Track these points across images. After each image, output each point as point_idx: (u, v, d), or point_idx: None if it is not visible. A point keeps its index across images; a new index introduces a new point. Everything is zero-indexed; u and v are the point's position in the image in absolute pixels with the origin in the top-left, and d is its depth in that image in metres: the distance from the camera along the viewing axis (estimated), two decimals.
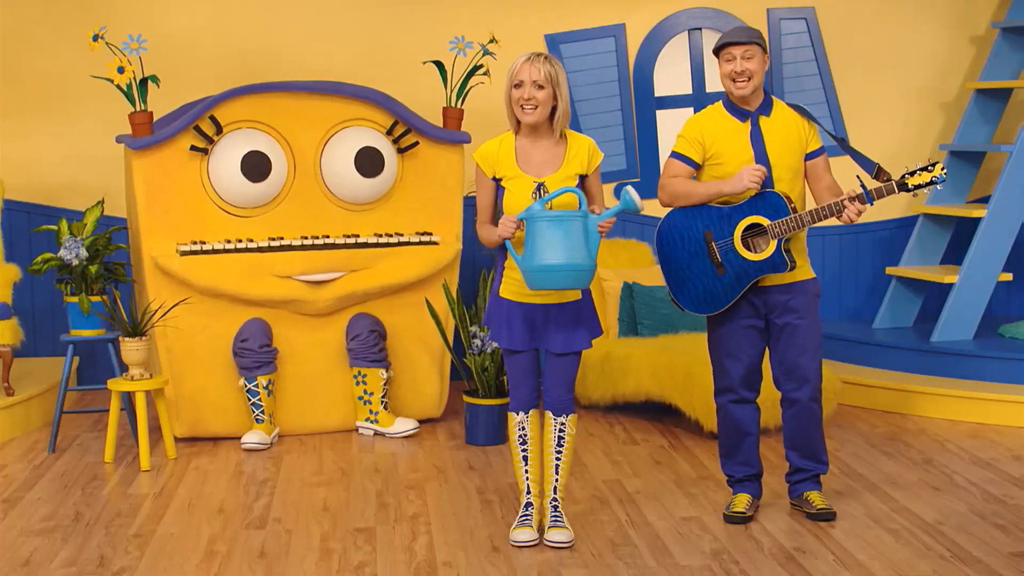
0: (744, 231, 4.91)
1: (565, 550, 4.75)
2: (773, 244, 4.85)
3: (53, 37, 7.41)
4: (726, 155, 4.93)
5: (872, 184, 4.85)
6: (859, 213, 4.80)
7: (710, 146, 4.95)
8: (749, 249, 4.91)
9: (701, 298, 5.03)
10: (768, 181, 4.90)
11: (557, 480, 4.84)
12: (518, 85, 4.64)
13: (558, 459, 4.83)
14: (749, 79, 4.87)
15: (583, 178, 4.72)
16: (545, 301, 4.71)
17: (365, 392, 6.45)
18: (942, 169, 4.76)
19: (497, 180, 4.73)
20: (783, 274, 4.93)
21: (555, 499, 4.86)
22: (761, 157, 4.90)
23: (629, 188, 4.54)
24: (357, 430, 6.53)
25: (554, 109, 4.66)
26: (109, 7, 7.34)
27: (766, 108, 4.94)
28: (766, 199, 4.87)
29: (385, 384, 6.47)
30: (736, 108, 4.95)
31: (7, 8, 7.41)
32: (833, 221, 5.36)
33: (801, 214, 4.82)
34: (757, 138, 4.92)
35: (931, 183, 4.76)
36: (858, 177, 4.88)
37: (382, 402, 6.46)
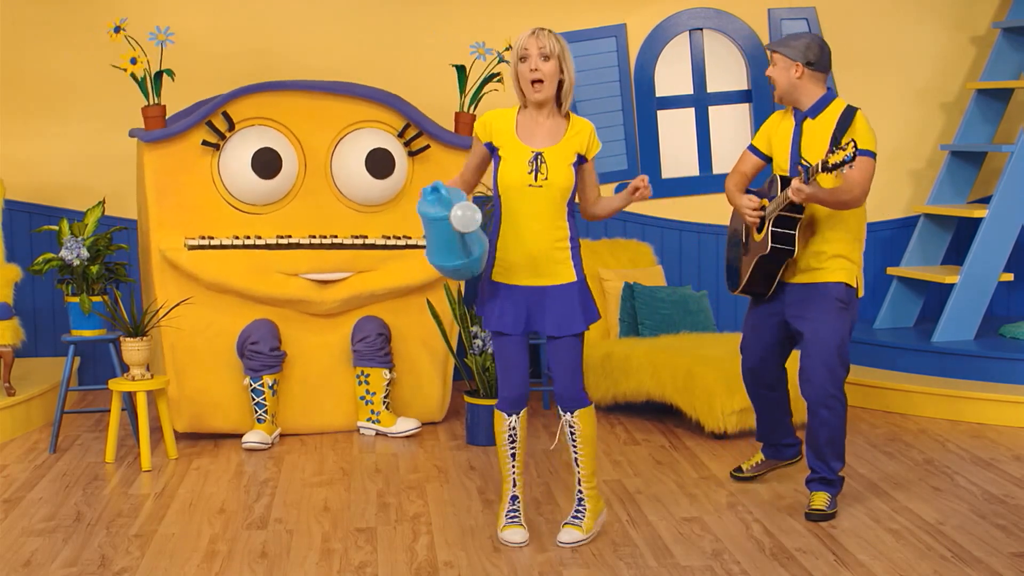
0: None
1: (567, 549, 4.75)
2: (767, 228, 5.04)
3: (54, 37, 7.41)
4: (777, 150, 5.21)
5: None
6: (799, 190, 4.87)
7: (772, 140, 5.23)
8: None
9: (728, 273, 5.45)
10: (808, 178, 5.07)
11: (580, 472, 4.82)
12: (524, 58, 4.63)
13: (576, 454, 4.82)
14: (775, 85, 5.15)
15: (582, 162, 4.72)
16: (536, 283, 4.69)
17: (367, 392, 6.45)
18: (853, 148, 4.79)
19: (493, 148, 4.73)
20: (804, 273, 5.11)
21: (579, 491, 4.84)
22: (795, 155, 5.11)
23: (460, 204, 4.44)
24: (358, 430, 6.53)
25: (561, 84, 4.67)
26: (112, 6, 7.34)
27: (816, 110, 5.10)
28: (781, 184, 5.08)
29: (388, 385, 6.47)
30: (794, 108, 5.18)
31: (7, 8, 7.41)
32: None
33: (777, 197, 5.05)
34: (796, 138, 5.12)
35: (844, 162, 4.79)
36: (802, 159, 5.10)
37: (384, 402, 6.46)
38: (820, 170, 4.84)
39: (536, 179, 4.64)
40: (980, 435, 6.38)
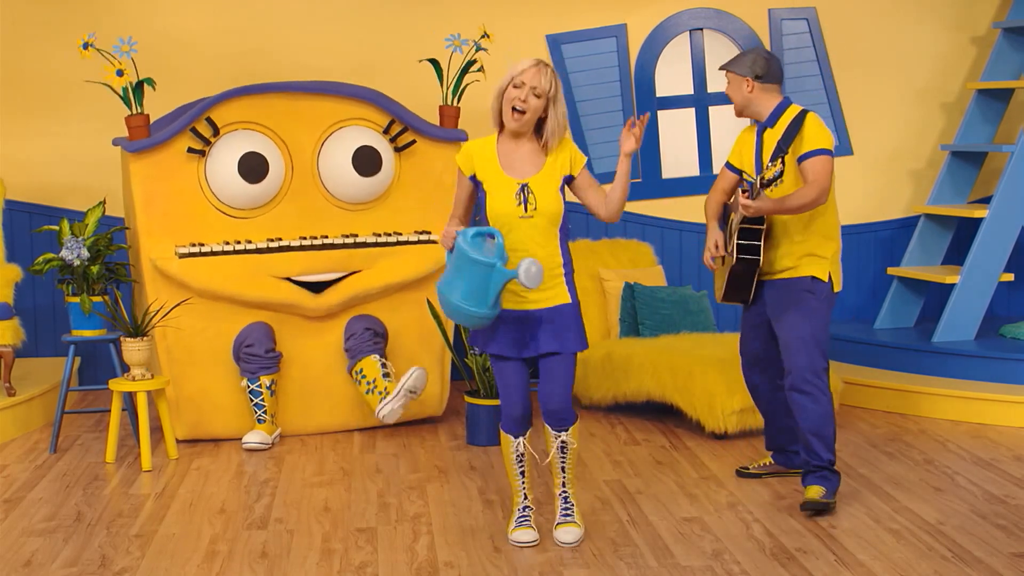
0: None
1: (567, 549, 4.75)
2: (732, 241, 5.27)
3: (54, 37, 7.41)
4: (745, 164, 5.36)
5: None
6: (746, 207, 5.05)
7: (742, 154, 5.39)
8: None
9: (713, 284, 5.66)
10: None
11: (564, 477, 4.86)
12: (518, 85, 4.64)
13: (563, 462, 4.85)
14: (732, 102, 5.35)
15: (571, 180, 4.73)
16: (531, 308, 4.69)
17: (367, 382, 6.38)
18: (781, 164, 4.96)
19: (476, 181, 4.74)
20: (775, 272, 5.27)
21: (564, 491, 4.85)
22: (758, 164, 5.28)
23: (525, 260, 4.48)
24: (382, 419, 6.27)
25: (541, 121, 4.68)
26: (108, 7, 7.35)
27: (773, 119, 5.26)
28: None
29: (382, 365, 6.37)
30: (756, 121, 5.36)
31: (7, 8, 7.41)
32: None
33: (738, 211, 5.26)
34: (758, 148, 5.28)
35: (775, 177, 4.97)
36: (744, 175, 5.35)
37: (385, 378, 6.35)
38: (760, 187, 5.02)
39: (526, 210, 4.65)
40: (980, 435, 6.38)
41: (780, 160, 4.95)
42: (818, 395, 5.18)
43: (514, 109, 4.64)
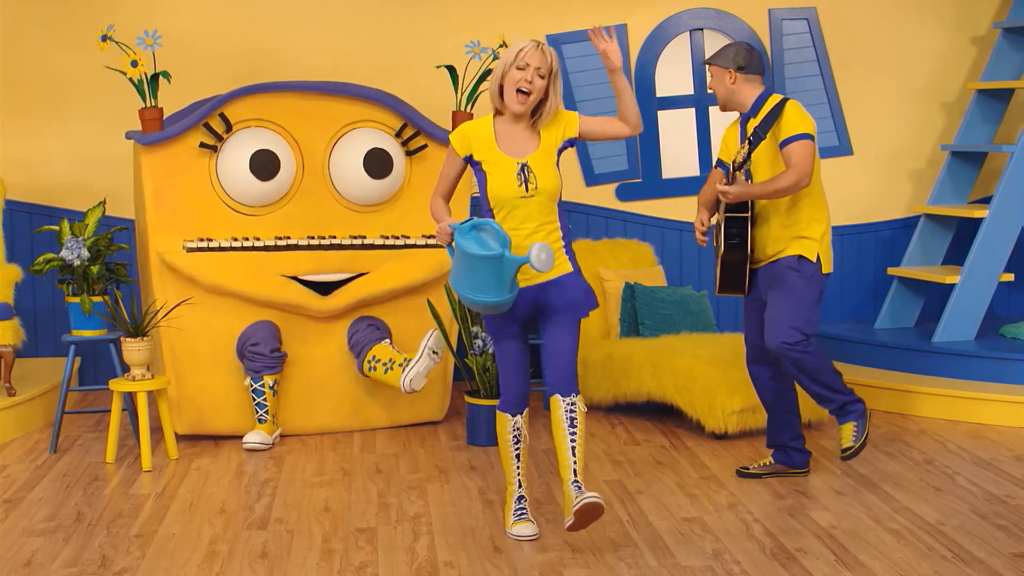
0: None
1: (567, 549, 4.75)
2: (721, 231, 5.42)
3: (55, 37, 7.42)
4: (732, 154, 5.45)
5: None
6: (724, 192, 5.26)
7: (729, 148, 5.50)
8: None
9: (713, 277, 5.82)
10: (747, 175, 5.39)
11: (576, 463, 4.71)
12: (522, 67, 4.64)
13: (573, 441, 4.73)
14: (716, 95, 5.46)
15: (574, 141, 4.77)
16: (534, 281, 4.71)
17: (383, 364, 6.33)
18: (747, 147, 5.27)
19: (475, 162, 4.74)
20: (766, 258, 5.38)
21: (577, 481, 4.71)
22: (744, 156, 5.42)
23: (535, 246, 4.48)
24: (408, 387, 6.21)
25: (541, 102, 4.70)
26: (108, 7, 7.34)
27: (755, 109, 5.38)
28: None
29: (392, 347, 6.37)
30: (740, 113, 5.45)
31: (7, 8, 7.41)
32: (837, 220, 5.70)
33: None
34: (742, 138, 5.40)
35: (744, 158, 5.28)
36: (721, 162, 5.54)
37: (400, 354, 6.36)
38: (733, 170, 5.21)
39: (527, 190, 4.66)
40: (980, 435, 6.38)
41: (746, 142, 5.15)
42: (804, 356, 5.29)
43: (519, 91, 4.65)
